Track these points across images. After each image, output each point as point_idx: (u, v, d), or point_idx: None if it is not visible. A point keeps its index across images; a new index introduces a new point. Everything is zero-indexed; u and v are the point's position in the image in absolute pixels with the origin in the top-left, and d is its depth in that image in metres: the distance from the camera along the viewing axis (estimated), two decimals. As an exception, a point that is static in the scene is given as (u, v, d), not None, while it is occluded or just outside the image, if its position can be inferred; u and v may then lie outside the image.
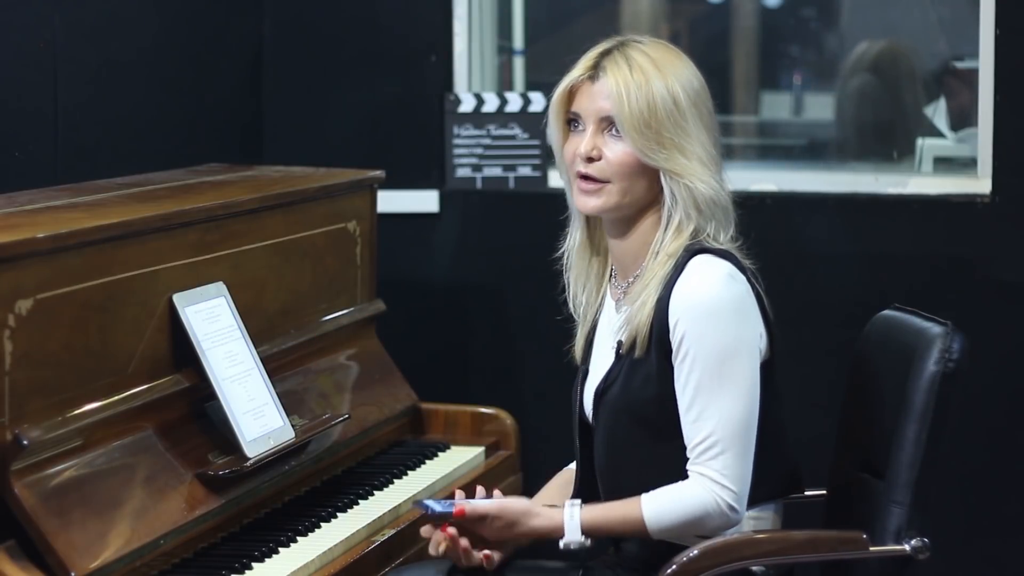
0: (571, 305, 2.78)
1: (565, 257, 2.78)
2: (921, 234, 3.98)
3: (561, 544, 2.56)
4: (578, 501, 2.58)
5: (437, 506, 2.58)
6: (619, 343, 2.64)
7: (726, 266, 2.56)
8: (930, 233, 3.97)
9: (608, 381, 2.65)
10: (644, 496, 2.55)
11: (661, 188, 2.59)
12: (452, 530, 2.56)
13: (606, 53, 2.62)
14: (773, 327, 2.61)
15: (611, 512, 2.57)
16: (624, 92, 2.56)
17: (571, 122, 2.65)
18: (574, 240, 2.75)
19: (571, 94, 2.65)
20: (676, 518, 2.53)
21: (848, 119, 4.63)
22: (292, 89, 4.33)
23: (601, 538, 2.61)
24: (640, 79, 2.56)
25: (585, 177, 2.61)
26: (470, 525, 2.58)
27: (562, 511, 2.56)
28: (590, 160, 2.60)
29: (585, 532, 2.55)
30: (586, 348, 2.76)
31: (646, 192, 2.60)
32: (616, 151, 2.59)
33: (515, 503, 2.59)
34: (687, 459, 2.55)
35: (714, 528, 2.55)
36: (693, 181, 2.56)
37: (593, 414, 2.69)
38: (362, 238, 3.47)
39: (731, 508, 2.52)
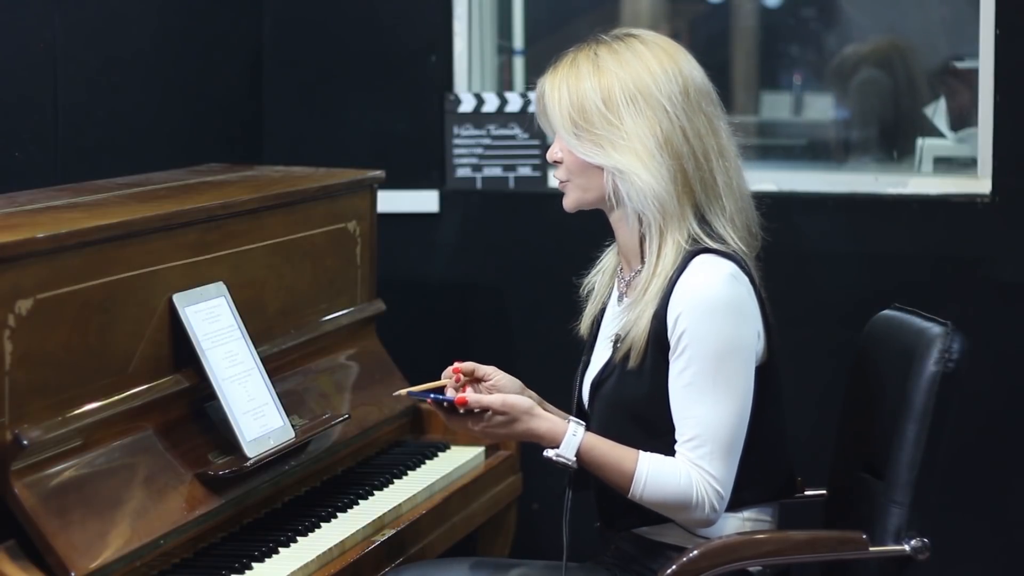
0: (585, 283, 2.82)
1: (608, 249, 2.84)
2: (921, 234, 3.98)
3: (551, 454, 2.54)
4: (583, 423, 2.57)
5: (438, 395, 2.55)
6: (617, 336, 2.65)
7: (729, 266, 2.56)
8: (930, 233, 3.97)
9: (604, 374, 2.66)
10: (644, 454, 2.54)
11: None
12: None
13: (560, 58, 2.68)
14: (773, 330, 2.61)
15: (610, 451, 2.55)
16: (556, 97, 2.63)
17: None
18: None
19: None
20: (665, 492, 2.52)
21: (848, 118, 4.63)
22: (292, 89, 4.34)
23: (584, 468, 2.57)
24: (572, 82, 2.62)
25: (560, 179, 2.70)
26: (461, 421, 2.56)
27: (566, 424, 2.56)
28: (557, 163, 2.68)
29: (578, 455, 2.54)
30: (593, 335, 2.77)
31: (604, 186, 2.63)
32: (565, 152, 2.65)
33: (520, 400, 2.57)
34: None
35: (691, 520, 2.54)
36: (630, 176, 2.58)
37: (589, 404, 2.70)
38: (362, 238, 3.47)
39: (713, 509, 2.52)
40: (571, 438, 2.54)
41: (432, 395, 2.56)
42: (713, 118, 2.65)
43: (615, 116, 2.59)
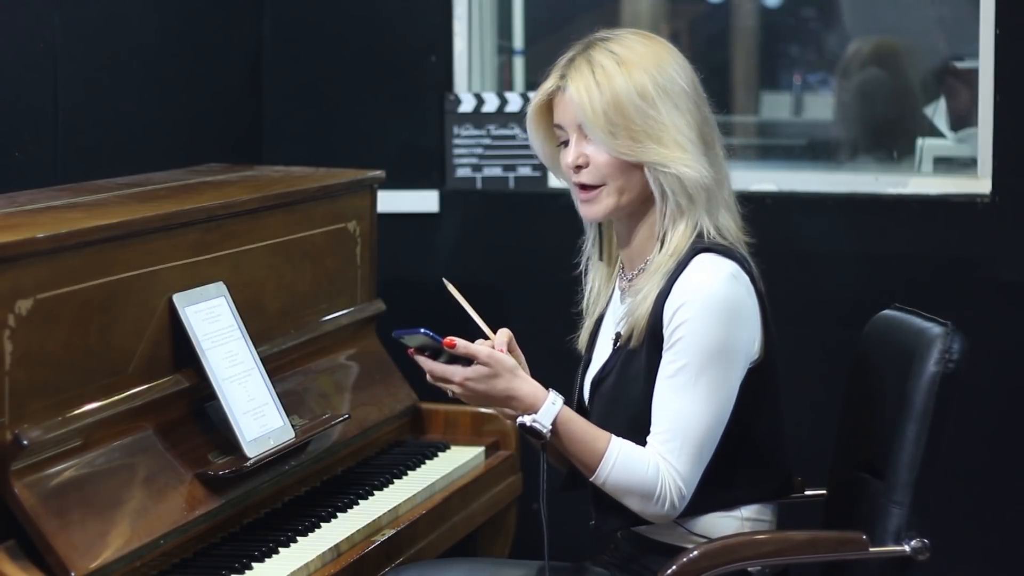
0: (584, 303, 2.81)
1: (584, 260, 2.80)
2: (921, 234, 3.98)
3: (527, 420, 2.52)
4: (563, 396, 2.57)
5: (428, 331, 2.53)
6: (617, 334, 2.65)
7: (730, 265, 2.56)
8: (930, 233, 3.97)
9: (605, 371, 2.67)
10: (616, 438, 2.54)
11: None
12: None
13: (571, 60, 2.64)
14: (771, 329, 2.61)
15: (585, 428, 2.55)
16: (587, 98, 2.58)
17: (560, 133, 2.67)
18: (587, 246, 2.79)
19: (552, 105, 2.67)
20: (630, 479, 2.52)
21: (849, 118, 4.63)
22: (292, 89, 4.34)
23: (556, 440, 2.55)
24: (603, 80, 2.58)
25: (582, 187, 2.64)
26: (443, 370, 2.56)
27: (547, 393, 2.55)
28: (579, 168, 2.62)
29: (553, 425, 2.53)
30: (591, 338, 2.77)
31: (643, 184, 2.61)
32: (598, 154, 2.60)
33: (506, 358, 2.56)
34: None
35: (649, 512, 2.54)
36: (677, 167, 2.57)
37: (589, 402, 2.70)
38: (362, 238, 3.47)
39: (673, 505, 2.52)
40: (550, 406, 2.53)
41: (423, 330, 2.53)
42: (709, 108, 2.66)
43: (653, 110, 2.57)
